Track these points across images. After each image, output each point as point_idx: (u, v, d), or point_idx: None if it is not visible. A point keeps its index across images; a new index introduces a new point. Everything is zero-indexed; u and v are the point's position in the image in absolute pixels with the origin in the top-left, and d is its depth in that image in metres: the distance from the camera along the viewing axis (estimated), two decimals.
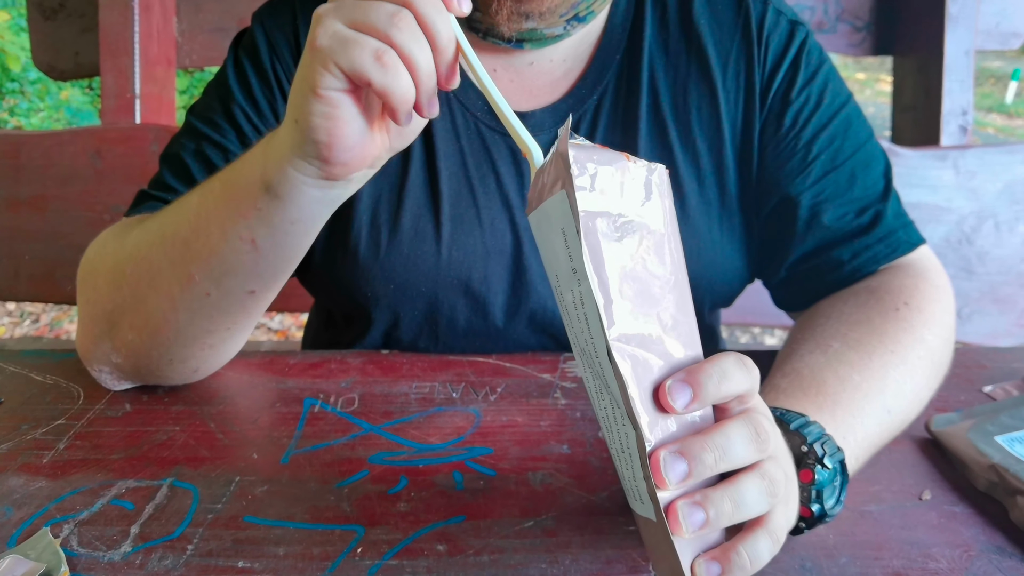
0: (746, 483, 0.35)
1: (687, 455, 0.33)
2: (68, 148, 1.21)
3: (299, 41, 0.66)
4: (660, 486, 0.33)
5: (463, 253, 0.67)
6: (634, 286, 0.34)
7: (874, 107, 5.62)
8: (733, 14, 0.67)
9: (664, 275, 0.35)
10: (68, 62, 1.52)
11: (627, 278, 0.34)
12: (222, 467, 0.53)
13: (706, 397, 0.34)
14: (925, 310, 0.60)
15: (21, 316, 2.83)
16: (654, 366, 0.34)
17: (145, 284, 0.57)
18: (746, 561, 0.35)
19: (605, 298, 0.33)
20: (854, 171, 0.66)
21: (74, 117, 4.16)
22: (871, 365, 0.54)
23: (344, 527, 0.47)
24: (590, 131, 0.67)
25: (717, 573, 0.34)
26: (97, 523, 0.47)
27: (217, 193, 0.54)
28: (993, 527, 0.48)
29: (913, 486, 0.52)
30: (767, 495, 0.36)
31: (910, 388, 0.54)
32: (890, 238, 0.66)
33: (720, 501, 0.34)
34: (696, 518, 0.34)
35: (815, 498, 0.43)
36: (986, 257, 1.21)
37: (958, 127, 1.42)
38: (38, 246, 1.23)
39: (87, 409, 0.61)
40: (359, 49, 0.41)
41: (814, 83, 0.67)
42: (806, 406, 0.49)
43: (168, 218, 0.57)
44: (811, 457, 0.44)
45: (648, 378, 0.34)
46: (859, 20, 1.53)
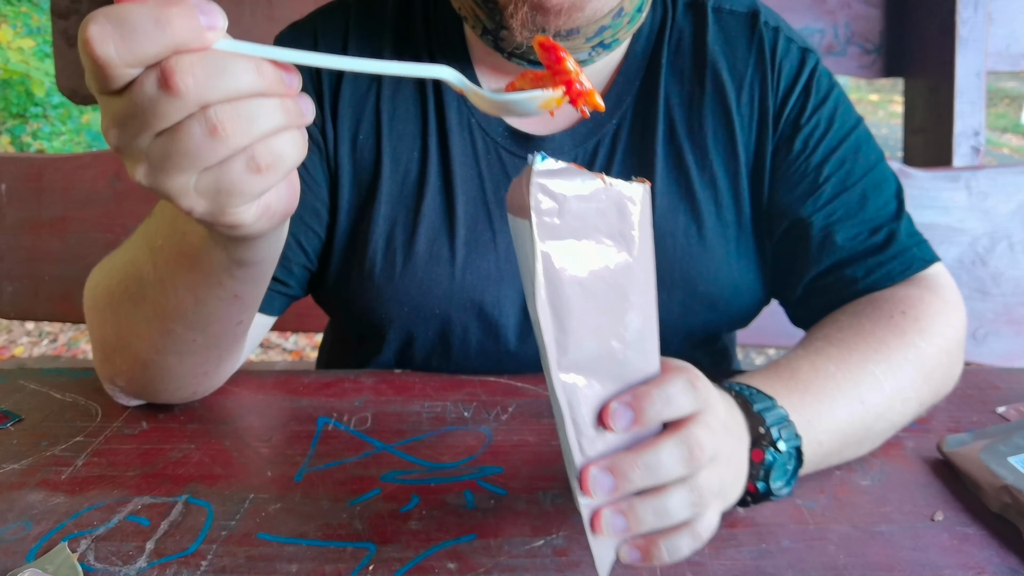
0: (672, 496, 0.38)
1: (616, 472, 0.37)
2: (88, 171, 1.24)
3: (320, 70, 0.67)
4: (587, 495, 0.37)
5: (477, 277, 0.68)
6: (595, 309, 0.36)
7: (887, 128, 5.61)
8: (746, 41, 0.69)
9: (629, 297, 0.37)
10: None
11: (586, 306, 0.36)
12: (236, 484, 0.54)
13: (647, 421, 0.37)
14: (922, 319, 0.60)
15: (40, 335, 2.87)
16: (604, 388, 0.37)
17: (127, 331, 0.56)
18: (664, 555, 0.39)
19: (559, 331, 0.36)
20: (865, 192, 0.67)
21: (94, 140, 4.24)
22: (849, 360, 0.55)
23: (356, 545, 0.48)
24: (608, 156, 0.68)
25: (637, 559, 0.39)
26: (113, 538, 0.48)
27: (173, 263, 0.49)
28: (1007, 549, 0.47)
29: (925, 507, 0.52)
30: (691, 506, 0.38)
31: (890, 386, 0.55)
32: (904, 255, 0.66)
33: (643, 512, 0.37)
34: (617, 524, 0.37)
35: (762, 477, 0.47)
36: (1000, 278, 1.21)
37: (970, 148, 1.42)
38: (58, 267, 1.25)
39: (104, 427, 0.62)
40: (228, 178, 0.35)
41: (824, 108, 0.68)
42: (777, 389, 0.51)
43: (125, 272, 0.54)
44: (766, 440, 0.47)
45: (594, 400, 0.37)
46: (869, 43, 1.54)
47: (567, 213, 0.35)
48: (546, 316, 0.35)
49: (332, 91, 0.68)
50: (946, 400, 0.66)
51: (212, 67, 0.32)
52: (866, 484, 0.54)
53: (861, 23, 1.54)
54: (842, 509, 0.51)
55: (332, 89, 0.68)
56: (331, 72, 0.68)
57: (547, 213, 0.35)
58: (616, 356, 0.37)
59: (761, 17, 0.69)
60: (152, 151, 0.34)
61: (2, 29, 4.06)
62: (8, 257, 1.25)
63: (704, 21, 0.69)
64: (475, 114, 0.68)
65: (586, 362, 0.36)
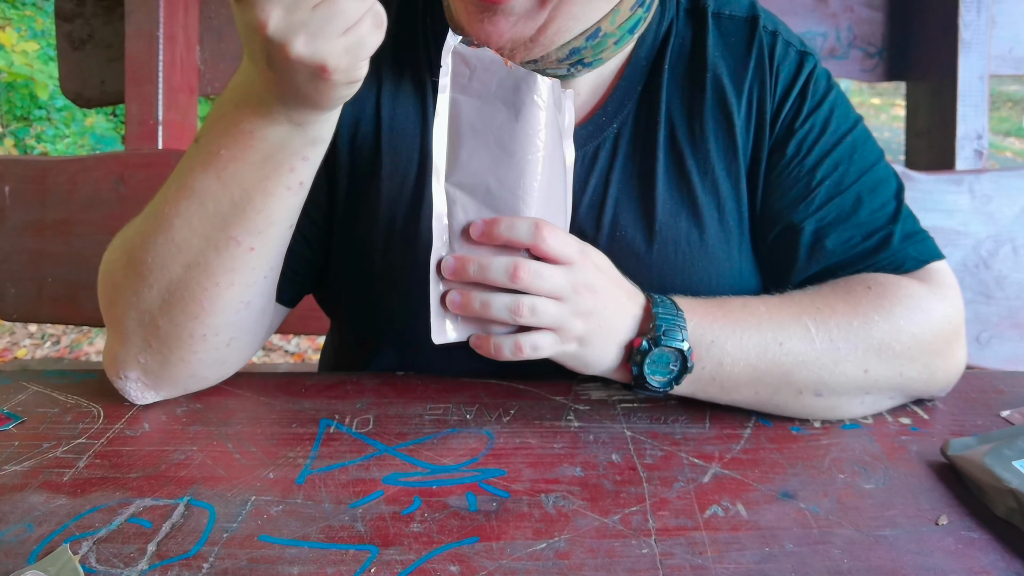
0: (497, 297, 0.54)
1: (458, 259, 0.53)
2: (92, 173, 1.24)
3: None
4: (441, 276, 0.55)
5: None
6: (481, 149, 0.53)
7: (889, 132, 5.60)
8: (746, 45, 0.69)
9: (513, 151, 0.53)
10: (94, 90, 1.56)
11: (475, 144, 0.53)
12: (238, 487, 0.54)
13: (490, 234, 0.54)
14: (886, 297, 0.62)
15: (42, 338, 2.88)
16: (477, 209, 0.54)
17: (177, 264, 0.58)
18: (475, 304, 0.55)
19: (449, 152, 0.54)
20: (860, 195, 0.67)
21: (98, 143, 4.25)
22: (784, 308, 0.61)
23: (358, 547, 0.47)
24: (610, 158, 0.68)
25: (457, 300, 0.55)
26: (115, 540, 0.48)
27: (244, 165, 0.55)
28: (1012, 554, 0.47)
29: (929, 511, 0.52)
30: (510, 313, 0.53)
31: (821, 341, 0.60)
32: (896, 255, 0.66)
33: (473, 297, 0.54)
34: (455, 300, 0.55)
35: (635, 360, 0.57)
36: (1004, 281, 1.20)
37: (973, 151, 1.42)
38: (61, 269, 1.25)
39: (107, 428, 0.62)
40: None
41: (820, 111, 0.68)
42: (694, 307, 0.58)
43: (182, 205, 0.57)
44: (650, 333, 0.57)
45: (469, 213, 0.54)
46: (872, 46, 1.54)
47: (475, 79, 0.53)
48: (441, 138, 0.53)
49: None
50: (949, 403, 0.66)
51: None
52: (870, 487, 0.54)
53: (863, 26, 1.54)
54: (846, 513, 0.51)
55: None
56: None
57: (460, 75, 0.53)
58: (491, 191, 0.53)
59: (760, 21, 0.70)
60: (312, 21, 0.45)
61: (6, 32, 4.08)
62: (11, 259, 1.25)
63: (704, 27, 0.69)
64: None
65: (468, 185, 0.53)
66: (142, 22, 1.45)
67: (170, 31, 1.47)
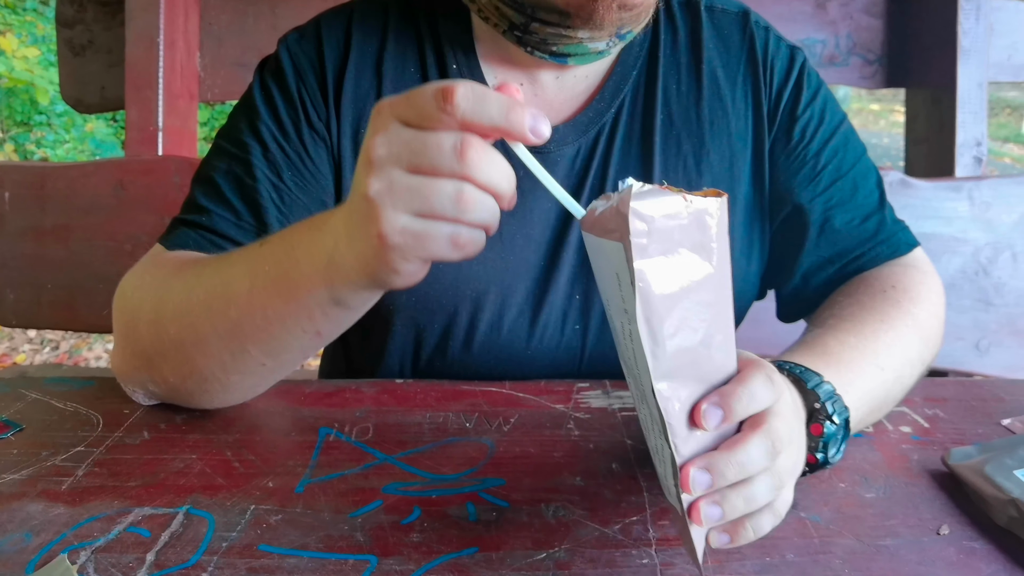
0: (758, 483, 0.41)
1: (712, 471, 0.39)
2: (92, 179, 1.24)
3: (324, 68, 0.69)
4: (686, 492, 0.40)
5: (484, 267, 0.69)
6: (681, 322, 0.38)
7: (888, 138, 5.61)
8: (739, 39, 0.73)
9: (712, 303, 0.39)
10: (94, 96, 1.56)
11: (675, 317, 0.38)
12: (238, 495, 0.54)
13: (735, 417, 0.40)
14: (911, 290, 0.66)
15: (42, 343, 2.87)
16: (692, 390, 0.40)
17: (191, 346, 0.58)
18: (751, 534, 0.42)
19: (653, 344, 0.38)
20: (856, 181, 0.73)
21: (98, 149, 4.26)
22: (863, 331, 0.61)
23: (357, 557, 0.47)
24: (608, 143, 0.70)
25: (727, 541, 0.42)
26: (114, 550, 0.48)
27: (272, 288, 0.53)
28: (1014, 564, 0.47)
29: (931, 520, 0.51)
30: (773, 489, 0.42)
31: (900, 350, 0.61)
32: (891, 240, 0.72)
33: (735, 500, 0.40)
34: (713, 514, 0.40)
35: (821, 448, 0.51)
36: (1003, 288, 1.20)
37: (972, 158, 1.42)
38: (61, 275, 1.25)
39: (106, 436, 0.62)
40: (434, 242, 0.42)
41: (816, 102, 0.73)
42: (816, 364, 0.55)
43: (213, 290, 0.56)
44: (822, 414, 0.51)
45: (686, 402, 0.40)
46: (871, 53, 1.54)
47: (655, 232, 0.37)
48: (644, 332, 0.37)
49: (335, 86, 0.69)
50: (950, 411, 0.66)
51: (490, 156, 0.41)
52: (871, 497, 0.54)
53: (863, 34, 1.54)
54: (847, 522, 0.51)
55: (335, 84, 0.69)
56: (335, 67, 0.69)
57: (638, 235, 0.37)
58: (701, 359, 0.40)
59: (751, 17, 0.74)
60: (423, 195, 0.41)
61: (7, 38, 4.08)
62: (10, 265, 1.25)
63: (699, 20, 0.73)
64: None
65: (675, 368, 0.39)
66: (142, 28, 1.45)
67: (171, 37, 1.47)
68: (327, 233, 0.49)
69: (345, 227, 0.46)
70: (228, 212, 0.67)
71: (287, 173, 0.68)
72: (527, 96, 0.70)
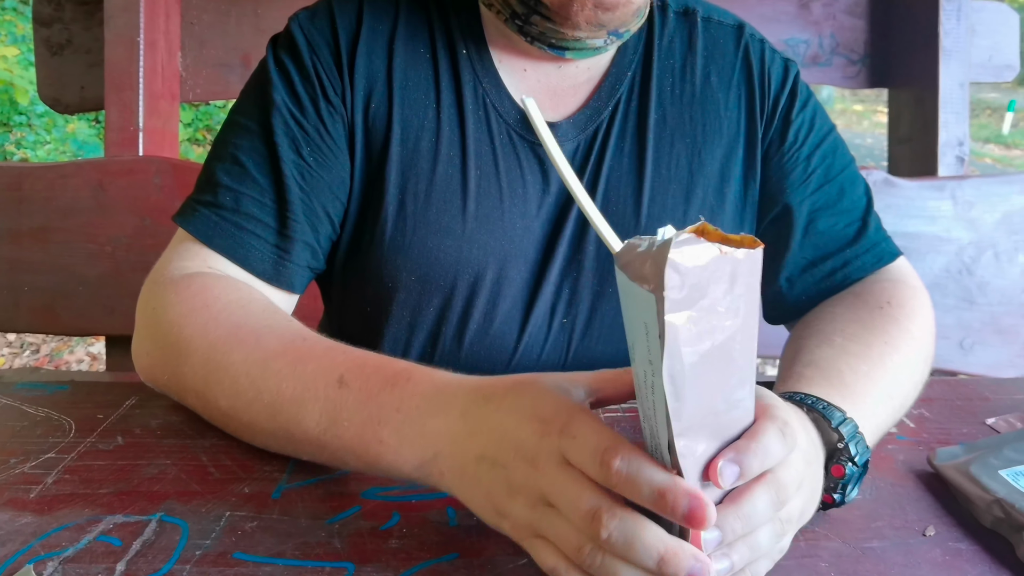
0: (762, 533, 0.41)
1: (722, 528, 0.39)
2: (71, 180, 1.22)
3: (338, 44, 0.69)
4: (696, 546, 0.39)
5: (483, 252, 0.70)
6: (705, 373, 0.36)
7: (872, 139, 5.66)
8: (733, 48, 0.75)
9: (737, 357, 0.37)
10: (73, 96, 1.54)
11: (701, 375, 0.36)
12: (213, 502, 0.52)
13: (750, 475, 0.39)
14: (906, 306, 0.67)
15: (21, 347, 2.83)
16: (707, 445, 0.39)
17: (240, 424, 0.57)
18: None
19: (677, 402, 0.36)
20: (843, 186, 0.74)
21: (80, 150, 4.21)
22: (871, 355, 0.59)
23: (334, 564, 0.46)
24: (604, 141, 0.72)
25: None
26: (83, 560, 0.46)
27: (345, 448, 0.51)
28: (999, 565, 0.47)
29: (916, 522, 0.51)
30: (777, 537, 0.42)
31: (906, 375, 0.60)
32: (875, 249, 0.73)
33: (740, 552, 0.40)
34: (723, 568, 0.40)
35: (840, 489, 0.49)
36: (987, 287, 1.21)
37: (955, 158, 1.43)
38: (40, 277, 1.23)
39: (78, 442, 0.60)
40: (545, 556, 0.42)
41: (807, 110, 0.75)
42: (833, 397, 0.53)
43: (280, 408, 0.53)
44: (844, 455, 0.49)
45: (701, 457, 0.38)
46: (854, 53, 1.55)
47: (688, 287, 0.35)
48: (669, 388, 0.36)
49: (349, 61, 0.69)
50: (935, 411, 0.66)
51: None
52: (857, 499, 0.53)
53: (846, 34, 1.55)
54: (833, 525, 0.50)
55: (349, 59, 0.69)
56: (348, 43, 0.70)
57: (673, 289, 0.34)
58: (719, 414, 0.38)
59: (747, 30, 0.76)
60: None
61: None
62: None
63: (695, 28, 0.75)
64: (490, 94, 0.71)
65: (694, 424, 0.37)
66: (122, 28, 1.43)
67: (151, 37, 1.45)
68: (428, 438, 0.47)
69: (453, 471, 0.46)
70: (254, 190, 0.67)
71: (306, 149, 0.68)
72: (532, 82, 0.72)
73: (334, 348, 0.55)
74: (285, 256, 0.68)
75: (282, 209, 0.67)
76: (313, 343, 0.56)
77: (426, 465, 0.47)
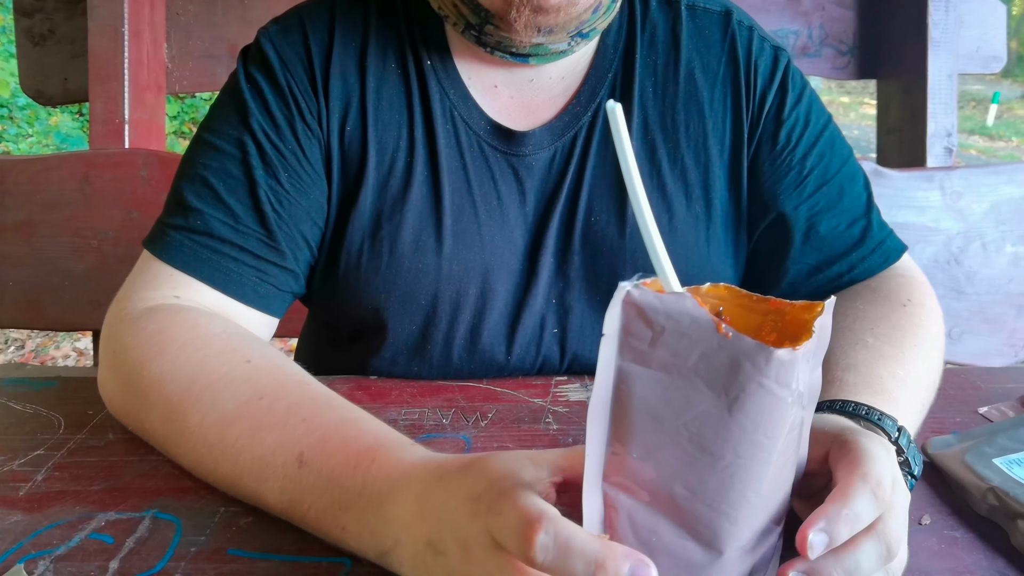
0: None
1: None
2: (55, 173, 1.20)
3: (311, 61, 0.67)
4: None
5: (463, 268, 0.68)
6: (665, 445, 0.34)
7: (858, 130, 5.69)
8: (720, 38, 0.70)
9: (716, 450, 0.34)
10: (56, 88, 1.52)
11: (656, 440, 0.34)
12: (206, 497, 0.52)
13: (838, 541, 0.35)
14: (925, 304, 0.66)
15: (6, 342, 2.80)
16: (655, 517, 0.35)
17: (207, 474, 0.53)
18: None
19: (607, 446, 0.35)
20: (842, 185, 0.71)
21: (63, 143, 4.15)
22: (905, 359, 0.58)
23: (331, 560, 0.46)
24: (584, 147, 0.69)
25: None
26: (74, 559, 0.46)
27: (308, 525, 0.47)
28: (995, 552, 0.47)
29: (912, 511, 0.51)
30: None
31: (933, 379, 0.60)
32: (880, 248, 0.71)
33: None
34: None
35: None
36: (975, 277, 1.22)
37: (943, 148, 1.43)
38: (24, 272, 1.21)
39: (67, 439, 0.59)
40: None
41: (801, 104, 0.70)
42: (879, 404, 0.51)
43: (239, 478, 0.50)
44: (907, 467, 0.48)
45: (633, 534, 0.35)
46: (843, 44, 1.55)
47: (662, 345, 0.33)
48: (600, 427, 0.34)
49: (323, 79, 0.67)
50: None
51: None
52: None
53: (835, 25, 1.55)
54: None
55: (323, 77, 0.67)
56: (321, 57, 0.67)
57: (637, 337, 0.33)
58: (677, 500, 0.35)
59: (734, 16, 0.71)
60: None
61: None
62: None
63: (678, 18, 0.70)
64: (457, 107, 0.68)
65: (638, 489, 0.35)
66: (106, 18, 1.41)
67: (135, 27, 1.43)
68: (389, 526, 0.43)
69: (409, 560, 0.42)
70: (225, 215, 0.64)
71: (284, 175, 0.65)
72: (504, 98, 0.69)
73: (295, 411, 0.50)
74: (264, 278, 0.65)
75: (259, 235, 0.64)
76: (271, 402, 0.51)
77: (387, 554, 0.43)
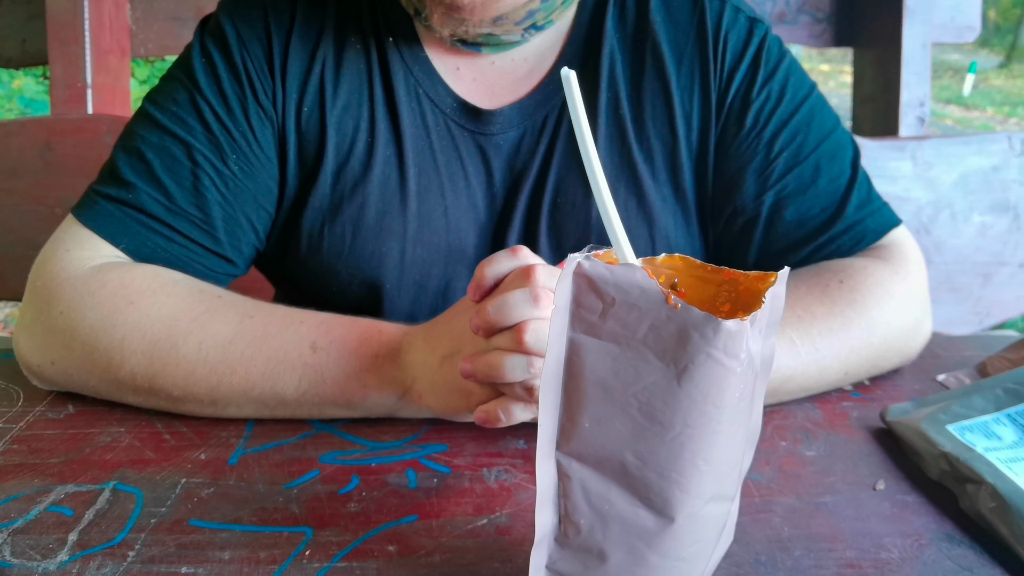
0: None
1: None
2: (16, 139, 1.17)
3: (271, 40, 0.65)
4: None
5: (428, 251, 0.67)
6: (614, 416, 0.35)
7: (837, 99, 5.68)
8: (688, 12, 0.67)
9: (665, 419, 0.34)
10: (14, 49, 1.47)
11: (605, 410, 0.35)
12: (168, 469, 0.52)
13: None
14: (857, 290, 0.61)
15: None
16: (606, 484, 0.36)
17: (199, 404, 0.57)
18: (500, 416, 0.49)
19: (563, 416, 0.36)
20: (819, 164, 0.67)
21: (27, 107, 4.04)
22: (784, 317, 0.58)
23: (292, 529, 0.46)
24: (555, 128, 0.67)
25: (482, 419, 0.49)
26: (32, 531, 0.45)
27: (330, 402, 0.56)
28: (943, 515, 0.48)
29: (868, 476, 0.52)
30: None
31: (806, 352, 0.58)
32: (853, 229, 0.66)
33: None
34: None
35: None
36: (943, 247, 1.23)
37: (915, 118, 1.44)
38: None
39: (27, 411, 0.58)
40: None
41: (774, 80, 0.67)
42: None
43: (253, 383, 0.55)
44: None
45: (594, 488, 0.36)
46: (820, 12, 1.54)
47: (612, 317, 0.33)
48: (552, 398, 0.35)
49: (281, 59, 0.65)
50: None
51: (537, 332, 0.46)
52: (811, 455, 0.54)
53: None
54: (787, 481, 0.51)
55: (281, 57, 0.65)
56: (280, 36, 0.65)
57: (587, 309, 0.34)
58: (629, 469, 0.35)
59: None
60: (525, 391, 0.48)
61: None
62: None
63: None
64: (422, 84, 0.67)
65: (590, 457, 0.35)
66: None
67: None
68: (406, 370, 0.54)
69: (428, 387, 0.53)
70: (158, 192, 0.62)
71: (231, 157, 0.64)
72: (467, 81, 0.68)
73: (290, 320, 0.57)
74: (196, 259, 0.64)
75: (194, 218, 0.63)
76: (264, 317, 0.57)
77: (408, 393, 0.54)
